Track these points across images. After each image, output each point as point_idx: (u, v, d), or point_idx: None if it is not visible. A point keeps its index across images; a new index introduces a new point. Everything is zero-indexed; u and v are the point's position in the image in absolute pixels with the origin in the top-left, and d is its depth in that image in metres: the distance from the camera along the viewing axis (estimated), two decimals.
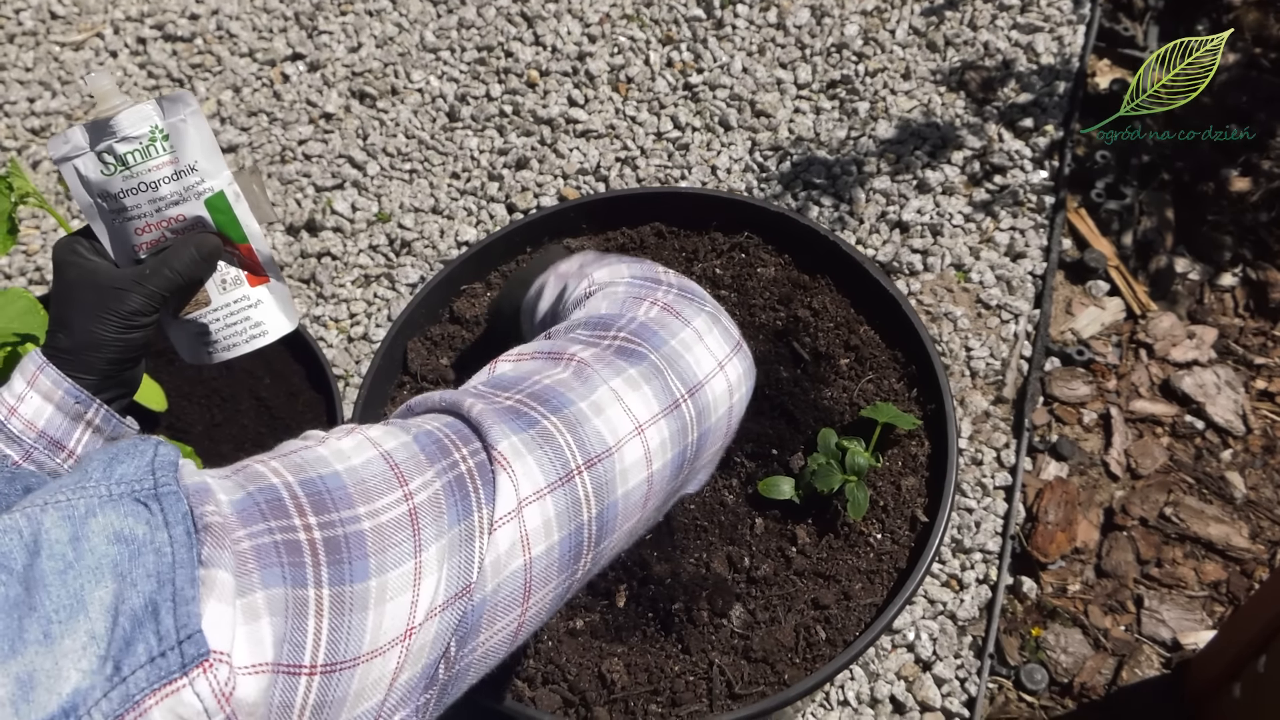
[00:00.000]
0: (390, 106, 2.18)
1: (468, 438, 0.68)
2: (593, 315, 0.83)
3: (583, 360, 0.77)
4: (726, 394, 0.84)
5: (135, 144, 0.85)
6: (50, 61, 2.33)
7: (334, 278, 1.96)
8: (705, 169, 2.02)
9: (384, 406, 1.41)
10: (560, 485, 0.69)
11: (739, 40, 2.19)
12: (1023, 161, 1.99)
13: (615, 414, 0.74)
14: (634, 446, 0.74)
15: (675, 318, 0.83)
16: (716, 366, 0.83)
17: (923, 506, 1.27)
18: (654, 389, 0.77)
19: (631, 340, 0.80)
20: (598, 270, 0.93)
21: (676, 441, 0.78)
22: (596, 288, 0.90)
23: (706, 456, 0.86)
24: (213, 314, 0.93)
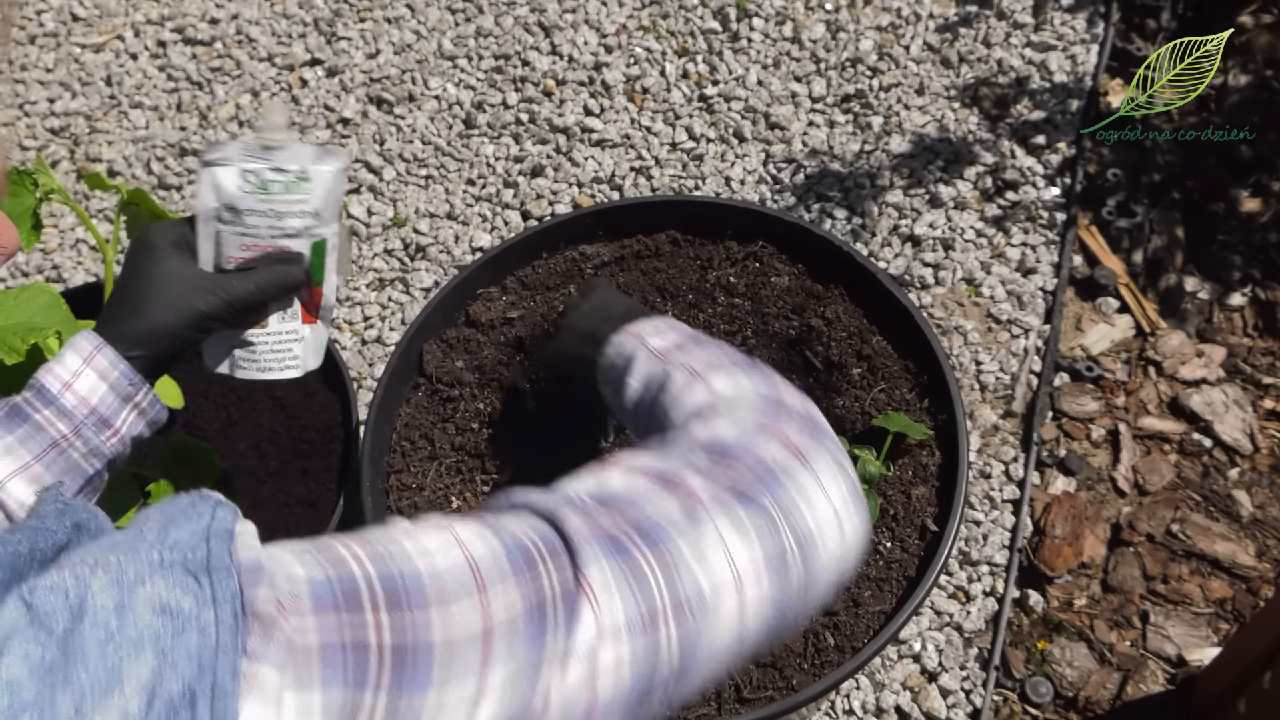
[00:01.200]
0: (407, 113, 2.20)
1: (557, 553, 0.64)
2: (716, 440, 0.77)
3: (695, 494, 0.71)
4: (838, 555, 0.75)
5: (284, 177, 0.93)
6: (71, 63, 2.35)
7: (349, 280, 1.97)
8: (719, 180, 2.04)
9: (398, 408, 1.42)
10: (644, 629, 0.64)
11: (754, 53, 2.20)
12: (1035, 178, 2.01)
13: (717, 561, 0.69)
14: (729, 600, 0.68)
15: (799, 460, 0.76)
16: (833, 519, 0.75)
17: (932, 516, 1.28)
18: (764, 541, 0.71)
19: (750, 483, 0.73)
20: (716, 379, 0.87)
21: (775, 601, 0.71)
22: (720, 403, 0.84)
23: (806, 613, 0.77)
24: (264, 336, 1.01)
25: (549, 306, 1.49)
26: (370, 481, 1.32)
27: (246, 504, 1.39)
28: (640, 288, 1.49)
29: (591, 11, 2.29)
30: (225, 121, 2.21)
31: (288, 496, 1.39)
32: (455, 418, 1.41)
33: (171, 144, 2.19)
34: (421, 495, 1.35)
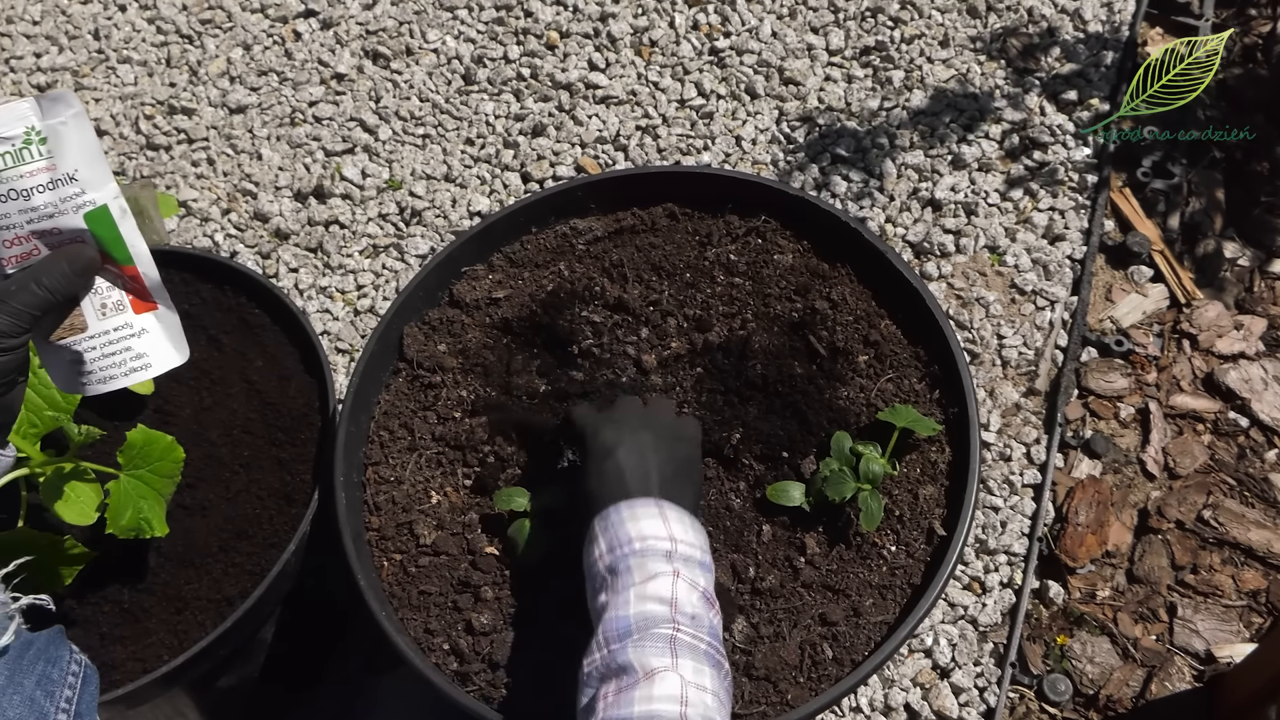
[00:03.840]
0: (404, 68, 2.10)
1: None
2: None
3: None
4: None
5: (7, 146, 0.78)
6: (58, 15, 2.26)
7: (341, 247, 1.89)
8: (729, 139, 1.93)
9: (377, 394, 1.35)
10: None
11: (769, 3, 2.08)
12: (1065, 136, 1.89)
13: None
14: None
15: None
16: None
17: (941, 518, 1.19)
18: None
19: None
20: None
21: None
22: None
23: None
24: (89, 341, 0.84)
25: (537, 285, 1.40)
26: (345, 475, 1.25)
27: (218, 496, 1.33)
28: (634, 265, 1.40)
29: None
30: (216, 77, 2.13)
31: (261, 489, 1.32)
32: (437, 406, 1.33)
33: (161, 101, 2.11)
34: (400, 489, 1.28)
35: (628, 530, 0.99)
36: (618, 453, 1.07)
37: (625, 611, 0.93)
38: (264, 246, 1.89)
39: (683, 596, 0.94)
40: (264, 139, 2.03)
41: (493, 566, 1.22)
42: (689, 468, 1.10)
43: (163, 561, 1.29)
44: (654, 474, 1.05)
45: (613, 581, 0.97)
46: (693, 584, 0.96)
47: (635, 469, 1.05)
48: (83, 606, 1.26)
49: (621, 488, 1.03)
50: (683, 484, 1.07)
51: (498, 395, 1.32)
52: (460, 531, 1.25)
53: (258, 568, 1.27)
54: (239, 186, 1.98)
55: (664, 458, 1.07)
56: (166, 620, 1.25)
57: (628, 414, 1.14)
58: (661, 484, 1.04)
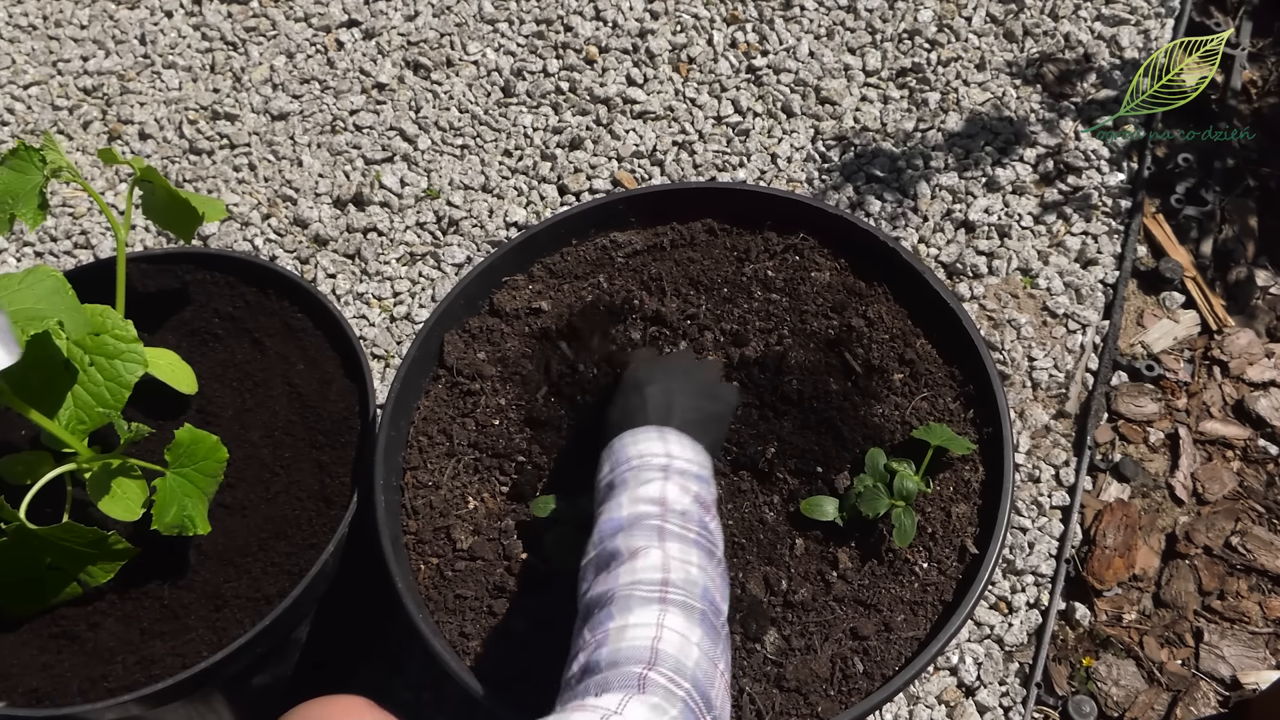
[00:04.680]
0: (445, 79, 2.12)
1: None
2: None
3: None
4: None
5: None
6: (105, 20, 2.30)
7: (379, 254, 1.92)
8: (765, 157, 1.95)
9: (417, 400, 1.37)
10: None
11: (807, 22, 2.10)
12: (1099, 162, 1.90)
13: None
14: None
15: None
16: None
17: (973, 537, 1.20)
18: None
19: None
20: (671, 615, 0.88)
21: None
22: (655, 676, 0.84)
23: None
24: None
25: (577, 296, 1.42)
26: (384, 478, 1.27)
27: (259, 496, 1.35)
28: (672, 279, 1.41)
29: None
30: (259, 84, 2.16)
31: (300, 490, 1.34)
32: (475, 413, 1.35)
33: (204, 106, 2.14)
34: (438, 494, 1.30)
35: (628, 452, 1.05)
36: (645, 389, 1.13)
37: (618, 514, 0.98)
38: (303, 252, 1.92)
39: (673, 496, 0.99)
40: (305, 146, 2.06)
41: (528, 572, 1.24)
42: (714, 419, 1.14)
43: (203, 559, 1.31)
44: (675, 412, 1.10)
45: (609, 494, 1.02)
46: (684, 488, 1.01)
47: (657, 405, 1.11)
48: (124, 601, 1.28)
49: (638, 418, 1.09)
50: (704, 427, 1.11)
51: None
52: (496, 537, 1.26)
53: (296, 568, 1.28)
54: (279, 192, 2.00)
55: (691, 403, 1.12)
56: (205, 617, 1.27)
57: (673, 362, 1.21)
58: (680, 422, 1.09)
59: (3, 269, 1.98)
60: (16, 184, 1.28)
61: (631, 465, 1.03)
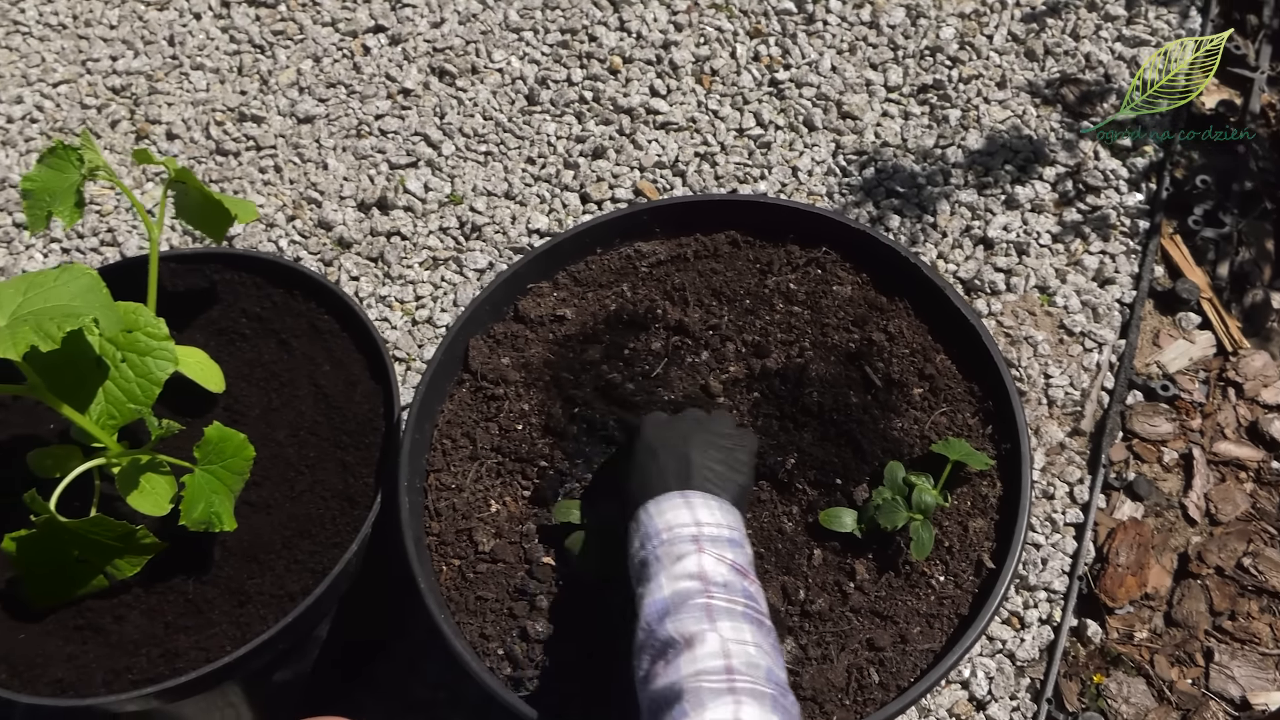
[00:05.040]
0: (469, 85, 2.15)
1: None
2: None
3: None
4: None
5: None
6: (135, 20, 2.32)
7: (402, 258, 1.93)
8: (786, 170, 1.96)
9: (441, 404, 1.38)
10: None
11: (829, 37, 2.12)
12: (1118, 182, 1.91)
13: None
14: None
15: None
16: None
17: (990, 552, 1.22)
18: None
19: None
20: (745, 709, 0.88)
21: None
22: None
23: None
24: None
25: (600, 304, 1.44)
26: (408, 480, 1.29)
27: (283, 495, 1.36)
28: (695, 289, 1.43)
29: None
30: (286, 87, 2.18)
31: (325, 489, 1.36)
32: (499, 417, 1.36)
33: (231, 108, 2.16)
34: (460, 496, 1.32)
35: (656, 524, 1.05)
36: (660, 453, 1.14)
37: (660, 595, 0.99)
38: (326, 254, 1.94)
39: (710, 568, 1.00)
40: (330, 149, 2.08)
41: (549, 576, 1.25)
42: (735, 469, 1.14)
43: (227, 555, 1.32)
44: (694, 471, 1.10)
45: (646, 572, 1.02)
46: (719, 558, 1.01)
47: (676, 468, 1.11)
48: (149, 595, 1.30)
49: (658, 485, 1.10)
50: (724, 480, 1.12)
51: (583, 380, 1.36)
52: (518, 540, 1.28)
53: (319, 566, 1.30)
54: (304, 194, 2.03)
55: (708, 459, 1.13)
56: (229, 613, 1.29)
57: (683, 421, 1.20)
58: (700, 480, 1.10)
59: (30, 264, 2.00)
60: (54, 182, 1.31)
61: (662, 540, 1.03)
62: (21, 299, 1.17)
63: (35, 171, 1.30)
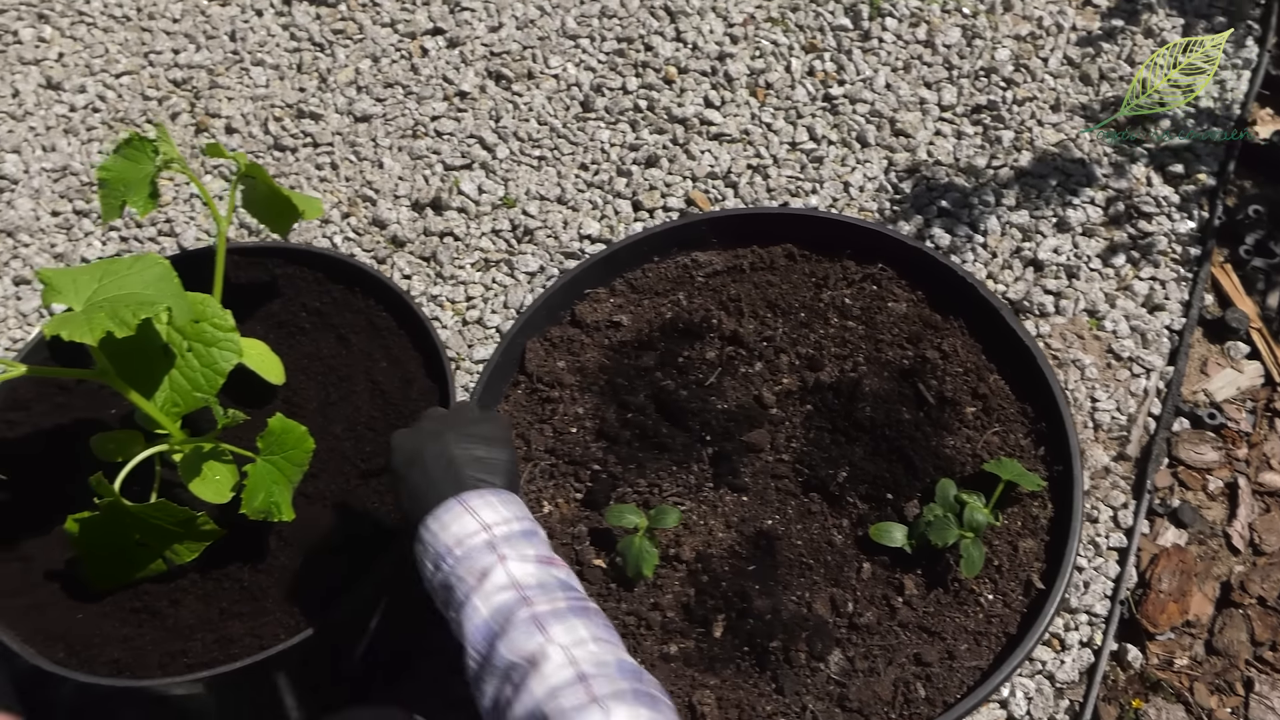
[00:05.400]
0: (525, 90, 2.17)
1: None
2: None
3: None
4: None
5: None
6: (197, 15, 2.36)
7: (454, 259, 1.96)
8: (837, 185, 1.98)
9: (497, 404, 1.40)
10: None
11: (884, 55, 2.13)
12: (1169, 209, 1.91)
13: None
14: None
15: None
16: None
17: (1039, 572, 1.22)
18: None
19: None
20: (617, 714, 0.87)
21: None
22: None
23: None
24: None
25: (656, 312, 1.45)
26: None
27: (339, 487, 1.38)
28: (751, 301, 1.45)
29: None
30: (344, 85, 2.21)
31: (380, 485, 1.38)
32: (553, 420, 1.38)
33: (290, 104, 2.19)
34: None
35: (443, 540, 1.01)
36: (422, 462, 1.08)
37: (480, 618, 0.95)
38: (380, 252, 1.97)
39: (518, 573, 0.97)
40: (386, 149, 2.11)
41: (599, 579, 1.27)
42: (496, 449, 1.10)
43: (282, 545, 1.34)
44: (460, 472, 1.06)
45: (453, 596, 0.99)
46: (523, 558, 0.98)
47: (440, 474, 1.06)
48: (205, 581, 1.33)
49: (432, 497, 1.05)
50: (492, 467, 1.08)
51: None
52: (569, 542, 1.30)
53: (370, 559, 1.32)
54: (359, 192, 2.05)
55: (469, 454, 1.08)
56: (282, 601, 1.31)
57: (429, 422, 1.15)
58: (470, 479, 1.06)
59: (89, 251, 2.04)
60: (129, 172, 1.33)
61: (456, 557, 1.00)
62: (97, 285, 1.20)
63: (110, 161, 1.33)
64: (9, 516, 1.38)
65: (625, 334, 1.43)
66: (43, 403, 1.47)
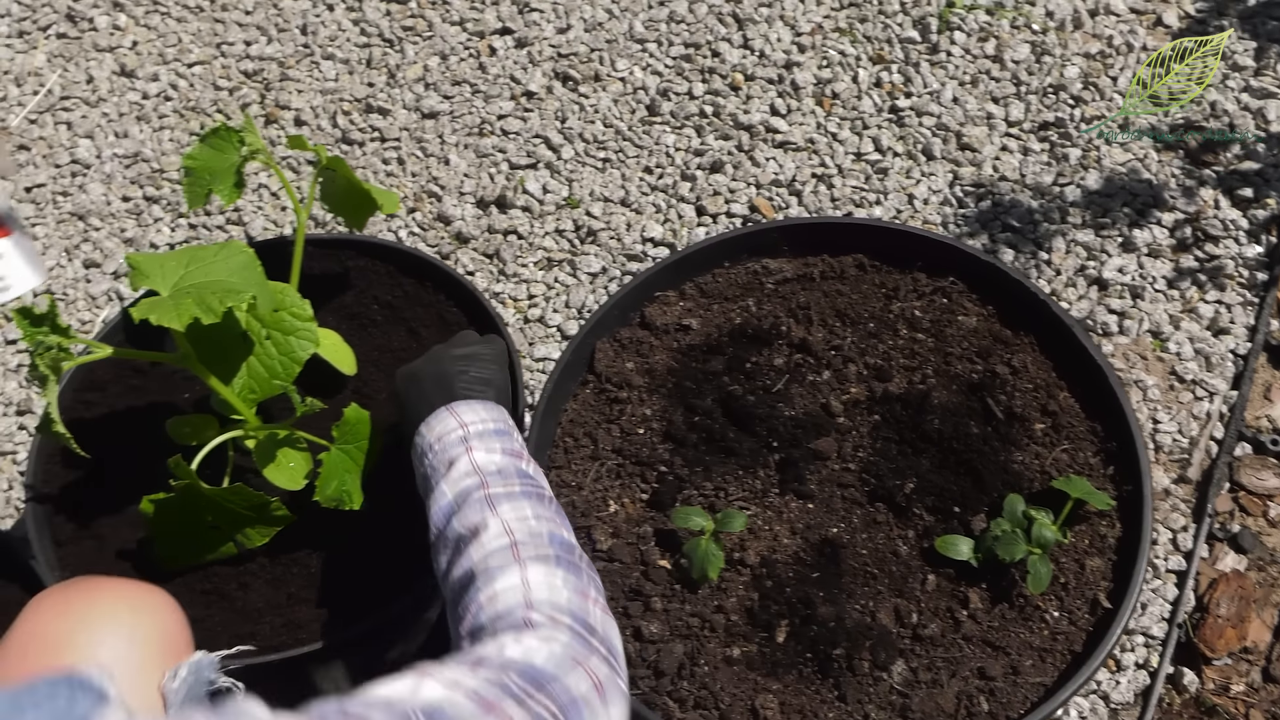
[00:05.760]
0: (591, 92, 2.18)
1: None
2: (529, 665, 0.84)
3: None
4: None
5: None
6: (269, 8, 2.39)
7: (517, 256, 1.97)
8: (901, 197, 1.98)
9: (565, 402, 1.42)
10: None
11: (952, 68, 2.13)
12: (1237, 233, 1.90)
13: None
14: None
15: (601, 699, 0.86)
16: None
17: (1106, 591, 1.22)
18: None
19: (559, 713, 0.82)
20: (533, 569, 0.95)
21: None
22: (534, 611, 0.91)
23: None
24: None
25: (725, 317, 1.46)
26: None
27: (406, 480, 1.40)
28: (820, 309, 1.45)
29: (788, 7, 2.25)
30: (412, 82, 2.23)
31: None
32: (621, 420, 1.39)
33: (359, 99, 2.22)
34: (580, 494, 1.35)
35: (428, 439, 1.12)
36: (418, 381, 1.21)
37: (445, 500, 1.05)
38: (444, 248, 1.99)
39: (482, 460, 1.07)
40: (453, 146, 2.13)
41: (664, 579, 1.28)
42: (489, 369, 1.21)
43: (349, 533, 1.36)
44: (452, 384, 1.17)
45: (427, 485, 1.10)
46: (489, 449, 1.08)
47: (432, 387, 1.18)
48: (274, 565, 1.34)
49: (425, 407, 1.16)
50: (483, 384, 1.19)
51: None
52: (635, 542, 1.31)
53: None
54: (425, 188, 2.07)
55: (460, 369, 1.20)
56: (348, 589, 1.33)
57: (429, 353, 1.27)
58: (460, 389, 1.17)
59: (158, 237, 2.07)
60: (215, 162, 1.36)
61: (435, 451, 1.10)
62: (183, 271, 1.22)
63: (196, 150, 1.35)
64: (84, 496, 1.40)
65: (694, 337, 1.44)
66: (118, 384, 1.50)
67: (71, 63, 2.36)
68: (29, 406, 1.90)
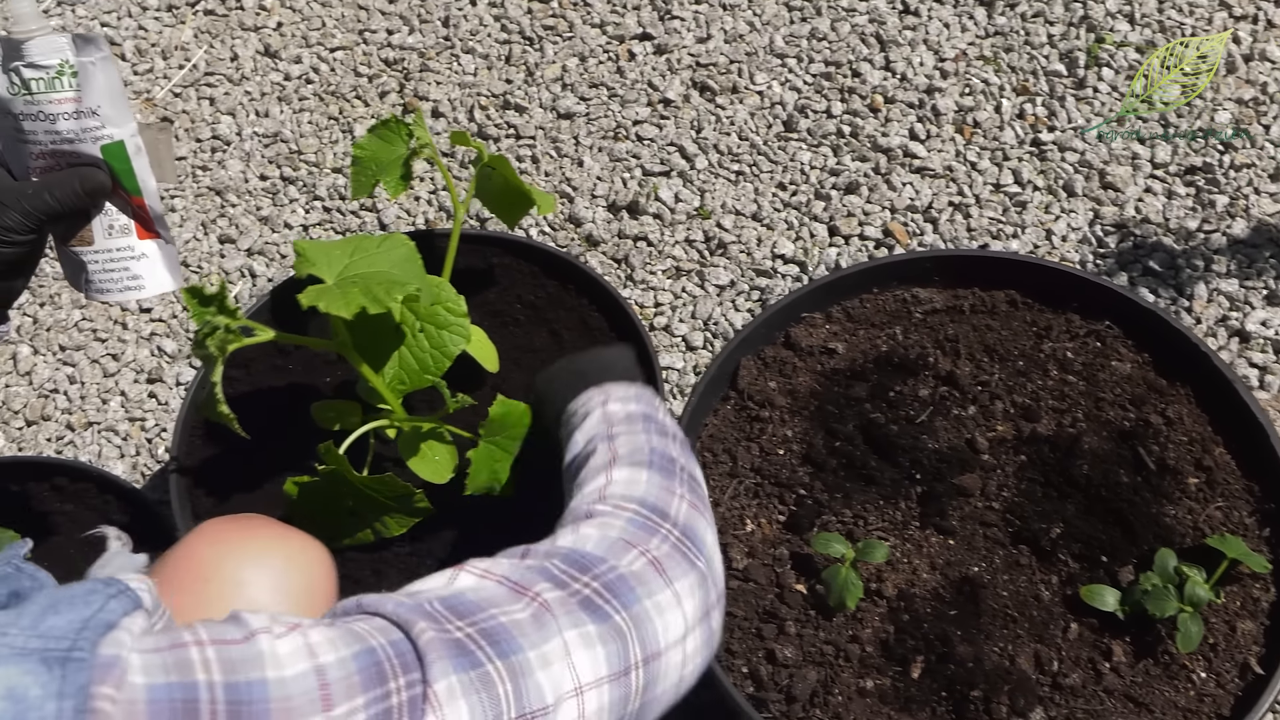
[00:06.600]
0: (728, 104, 2.18)
1: (409, 665, 0.67)
2: (576, 550, 0.82)
3: (545, 603, 0.75)
4: (680, 665, 0.82)
5: (42, 73, 0.87)
6: None
7: (646, 264, 1.98)
8: (1039, 232, 1.95)
9: (706, 417, 1.41)
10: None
11: (1098, 105, 2.10)
12: None
13: (560, 670, 0.72)
14: (569, 708, 0.72)
15: (660, 575, 0.81)
16: (682, 635, 0.81)
17: (1258, 657, 1.19)
18: (609, 651, 0.75)
19: (602, 594, 0.78)
20: (621, 470, 0.93)
21: (616, 709, 0.76)
22: (605, 502, 0.89)
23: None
24: (93, 254, 0.97)
25: (871, 344, 1.45)
26: None
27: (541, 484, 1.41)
28: (968, 343, 1.43)
29: (932, 32, 2.22)
30: (550, 81, 2.24)
31: None
32: (761, 439, 1.39)
33: (496, 95, 2.24)
34: (716, 511, 1.34)
35: (568, 411, 1.13)
36: (553, 381, 1.22)
37: (576, 449, 1.06)
38: (573, 249, 1.99)
39: (614, 409, 1.06)
40: (587, 148, 2.14)
41: (799, 604, 1.27)
42: (632, 370, 1.21)
43: (483, 529, 1.37)
44: (588, 376, 1.16)
45: (569, 440, 1.09)
46: (624, 402, 1.08)
47: (578, 381, 1.17)
48: (409, 556, 1.36)
49: (559, 401, 1.16)
50: (615, 373, 1.17)
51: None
52: (770, 563, 1.30)
53: None
54: (558, 188, 2.08)
55: (592, 365, 1.20)
56: None
57: (568, 358, 1.27)
58: (594, 380, 1.15)
59: (292, 217, 2.10)
60: (383, 153, 1.37)
61: (573, 415, 1.10)
62: (348, 261, 1.24)
63: (366, 140, 1.37)
64: (224, 473, 1.43)
65: (838, 362, 1.43)
66: (262, 363, 1.52)
67: (217, 39, 2.40)
68: (159, 375, 1.95)
